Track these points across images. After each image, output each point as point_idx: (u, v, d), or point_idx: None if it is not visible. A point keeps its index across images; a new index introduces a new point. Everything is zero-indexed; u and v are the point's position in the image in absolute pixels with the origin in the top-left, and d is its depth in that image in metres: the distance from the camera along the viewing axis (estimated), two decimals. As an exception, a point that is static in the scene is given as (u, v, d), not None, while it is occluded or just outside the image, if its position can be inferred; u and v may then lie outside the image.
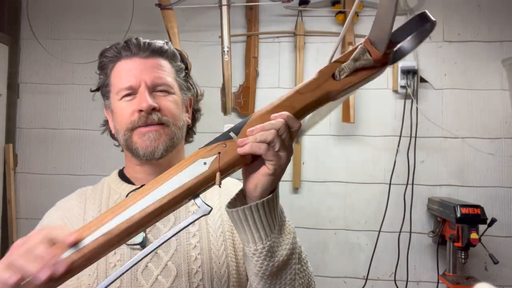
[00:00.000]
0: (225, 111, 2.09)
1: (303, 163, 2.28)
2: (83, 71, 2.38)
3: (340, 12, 2.26)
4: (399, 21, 2.10)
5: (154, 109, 0.79)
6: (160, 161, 0.82)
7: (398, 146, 2.21)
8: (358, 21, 2.29)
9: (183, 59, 0.91)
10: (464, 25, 2.27)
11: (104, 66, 0.86)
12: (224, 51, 2.04)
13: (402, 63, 2.22)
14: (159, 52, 0.85)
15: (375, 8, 2.26)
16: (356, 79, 0.62)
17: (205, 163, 0.60)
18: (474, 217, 1.84)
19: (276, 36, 2.34)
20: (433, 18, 0.59)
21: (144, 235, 0.79)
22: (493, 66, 2.23)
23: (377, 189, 2.25)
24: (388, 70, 2.28)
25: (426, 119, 2.22)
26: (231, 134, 0.62)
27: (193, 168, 0.60)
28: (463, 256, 1.92)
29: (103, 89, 0.88)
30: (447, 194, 2.22)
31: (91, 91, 0.93)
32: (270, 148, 0.60)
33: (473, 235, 1.81)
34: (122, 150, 0.92)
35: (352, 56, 0.62)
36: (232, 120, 2.30)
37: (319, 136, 2.29)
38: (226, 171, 0.61)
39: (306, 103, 0.63)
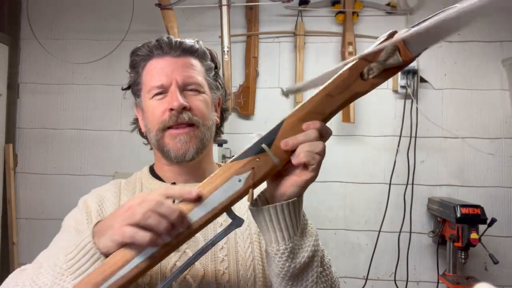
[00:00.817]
0: (225, 111, 2.09)
1: (303, 163, 2.27)
2: (83, 71, 2.38)
3: (340, 12, 2.26)
4: (398, 22, 2.09)
5: (184, 108, 0.80)
6: (190, 162, 0.83)
7: (398, 146, 2.21)
8: (358, 21, 2.29)
9: (213, 58, 0.92)
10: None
11: (136, 64, 0.87)
12: (224, 51, 2.04)
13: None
14: (190, 51, 0.85)
15: (375, 8, 2.28)
16: (382, 80, 0.60)
17: (239, 180, 0.59)
18: (474, 217, 1.84)
19: (276, 36, 2.34)
20: None
21: None
22: (493, 66, 2.23)
23: (377, 189, 2.25)
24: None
25: (426, 119, 2.22)
26: (264, 146, 0.60)
27: (229, 186, 0.59)
28: (463, 256, 1.92)
29: (134, 87, 0.88)
30: (447, 194, 2.22)
31: (123, 89, 0.93)
32: (316, 159, 0.60)
33: (473, 235, 1.81)
34: (151, 148, 0.92)
35: (382, 55, 0.59)
36: (232, 120, 2.30)
37: (319, 136, 2.29)
38: (258, 185, 0.61)
39: (336, 107, 0.61)
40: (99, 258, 0.60)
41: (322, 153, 0.61)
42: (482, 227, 1.86)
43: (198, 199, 0.58)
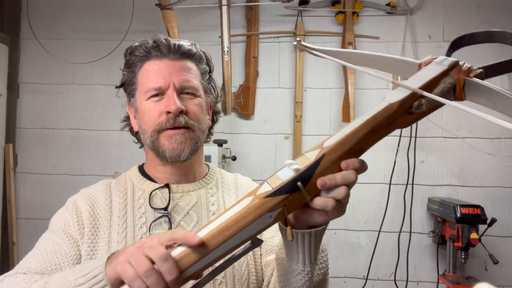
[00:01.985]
0: (225, 111, 2.09)
1: (303, 163, 2.27)
2: (83, 71, 2.38)
3: (340, 12, 2.26)
4: (398, 22, 2.09)
5: (181, 112, 0.81)
6: (184, 163, 0.85)
7: (398, 146, 2.21)
8: (358, 21, 2.29)
9: (208, 61, 0.93)
10: (464, 25, 2.26)
11: (132, 64, 0.87)
12: (224, 51, 2.04)
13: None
14: (188, 55, 0.86)
15: (375, 8, 2.28)
16: (424, 115, 0.54)
17: (270, 217, 0.58)
18: (474, 217, 1.84)
19: (276, 36, 2.34)
20: None
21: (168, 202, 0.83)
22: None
23: (377, 189, 2.25)
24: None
25: (426, 119, 2.22)
26: (300, 186, 0.57)
27: (260, 222, 0.58)
28: (463, 256, 1.92)
29: (128, 86, 0.89)
30: (447, 194, 2.22)
31: (116, 87, 0.93)
32: (340, 205, 0.60)
33: (473, 235, 1.81)
34: (141, 147, 0.93)
35: (437, 91, 0.52)
36: (232, 120, 2.30)
37: (319, 136, 2.29)
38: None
39: (374, 143, 0.57)
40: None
41: (342, 198, 0.59)
42: (482, 227, 1.86)
43: (202, 244, 0.57)
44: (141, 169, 0.93)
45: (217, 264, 0.61)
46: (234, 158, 2.18)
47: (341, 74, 2.27)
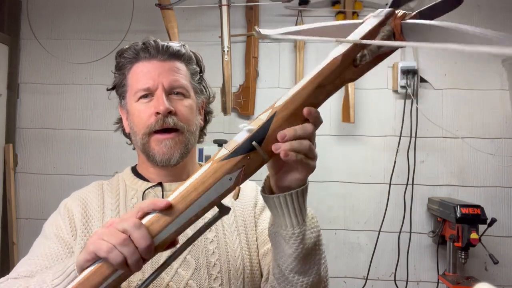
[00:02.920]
0: (225, 111, 2.09)
1: (303, 163, 2.27)
2: (83, 71, 2.38)
3: (340, 12, 2.26)
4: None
5: (170, 113, 0.81)
6: (175, 166, 0.85)
7: (398, 146, 2.21)
8: (358, 21, 2.29)
9: (198, 62, 0.93)
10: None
11: (122, 66, 0.88)
12: (224, 51, 2.04)
13: (402, 63, 2.22)
14: (177, 55, 0.87)
15: (375, 8, 2.27)
16: (372, 66, 0.57)
17: (230, 179, 0.60)
18: (474, 217, 1.84)
19: (276, 36, 2.34)
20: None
21: None
22: (493, 66, 2.23)
23: (377, 189, 2.25)
24: (388, 70, 2.28)
25: (426, 119, 2.22)
26: (255, 145, 0.59)
27: (220, 185, 0.60)
28: (463, 256, 1.92)
29: (119, 89, 0.90)
30: (447, 194, 2.22)
31: (107, 90, 0.95)
32: (304, 158, 0.61)
33: (473, 235, 1.81)
34: (134, 148, 0.94)
35: (378, 40, 0.55)
36: (232, 120, 2.30)
37: (319, 136, 2.29)
38: (244, 181, 0.62)
39: (326, 97, 0.60)
40: None
41: (306, 150, 0.61)
42: (482, 227, 1.86)
43: (170, 207, 0.58)
44: (134, 170, 0.93)
45: (190, 234, 0.62)
46: (234, 158, 2.18)
47: (341, 74, 2.27)
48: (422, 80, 2.25)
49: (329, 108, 2.29)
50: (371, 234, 2.23)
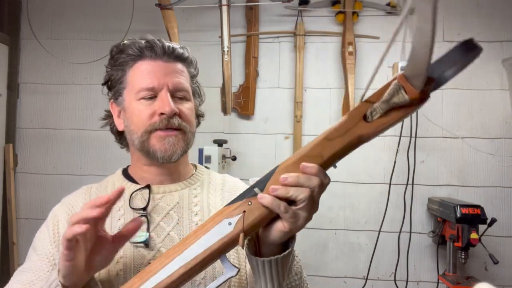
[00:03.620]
0: (225, 111, 2.09)
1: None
2: (83, 71, 2.38)
3: (340, 12, 2.26)
4: (397, 22, 2.07)
5: (175, 114, 0.81)
6: (172, 163, 0.85)
7: (398, 146, 2.21)
8: (358, 21, 2.29)
9: (195, 65, 0.93)
10: (464, 25, 2.27)
11: (122, 62, 0.86)
12: (224, 51, 2.04)
13: (402, 63, 2.22)
14: (181, 58, 0.87)
15: (375, 8, 2.29)
16: (391, 120, 0.56)
17: (230, 223, 0.59)
18: (474, 217, 1.84)
19: (276, 36, 2.34)
20: (480, 46, 0.51)
21: (147, 234, 0.79)
22: (493, 66, 2.23)
23: (377, 189, 2.25)
24: (388, 70, 2.28)
25: (426, 119, 2.22)
26: (256, 190, 0.59)
27: (219, 229, 0.59)
28: (463, 256, 1.92)
29: (116, 85, 0.87)
30: (447, 194, 2.22)
31: (102, 84, 0.92)
32: (290, 208, 0.59)
33: (473, 235, 1.81)
34: (123, 147, 0.94)
35: (385, 96, 0.56)
36: (232, 120, 2.30)
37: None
38: (252, 230, 0.60)
39: (335, 151, 0.58)
40: None
41: (303, 199, 0.59)
42: (482, 227, 1.86)
43: (104, 205, 0.61)
44: (125, 171, 0.92)
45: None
46: (234, 158, 2.18)
47: (341, 74, 2.27)
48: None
49: (329, 108, 2.30)
50: (371, 234, 2.23)
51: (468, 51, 0.52)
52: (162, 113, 0.80)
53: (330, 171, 0.58)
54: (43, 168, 2.39)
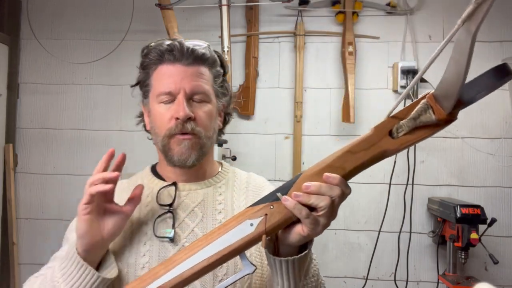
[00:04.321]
0: (225, 111, 2.08)
1: (303, 163, 2.28)
2: (83, 71, 2.38)
3: (340, 12, 2.26)
4: (398, 22, 2.10)
5: (189, 118, 0.83)
6: (193, 167, 0.88)
7: (398, 146, 2.21)
8: (358, 21, 2.29)
9: (222, 63, 0.93)
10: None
11: (147, 66, 0.89)
12: (224, 51, 2.04)
13: (402, 63, 2.22)
14: (201, 60, 0.87)
15: (375, 8, 2.29)
16: (416, 138, 0.58)
17: (251, 224, 0.62)
18: (474, 217, 1.84)
19: (276, 36, 2.34)
20: None
21: (173, 230, 0.83)
22: (493, 66, 2.22)
23: (377, 189, 2.25)
24: (388, 70, 2.28)
25: (426, 119, 2.22)
26: (278, 194, 0.62)
27: (240, 229, 0.62)
28: (463, 256, 1.92)
29: (143, 87, 0.91)
30: (447, 194, 2.22)
31: (131, 86, 0.96)
32: (311, 214, 0.62)
33: (473, 235, 1.81)
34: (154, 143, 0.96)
35: (412, 113, 0.57)
36: (232, 120, 2.29)
37: (319, 136, 2.30)
38: (272, 232, 0.63)
39: (358, 164, 0.61)
40: (80, 262, 0.71)
41: (324, 207, 0.62)
42: (482, 227, 1.86)
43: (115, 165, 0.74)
44: (154, 168, 0.96)
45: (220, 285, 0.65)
46: (234, 158, 2.18)
47: (341, 74, 2.27)
48: (422, 80, 2.25)
49: (329, 108, 2.30)
50: (371, 234, 2.23)
51: (501, 76, 0.52)
52: (177, 118, 0.83)
53: None
54: (43, 168, 2.39)
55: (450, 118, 0.55)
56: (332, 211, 0.63)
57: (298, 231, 0.64)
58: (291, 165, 2.28)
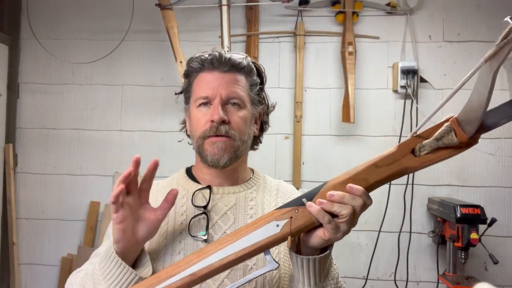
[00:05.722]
0: (225, 111, 2.09)
1: (303, 163, 2.28)
2: (83, 71, 2.38)
3: (340, 12, 2.26)
4: (398, 22, 2.10)
5: (224, 122, 0.88)
6: (225, 168, 0.92)
7: (398, 146, 2.21)
8: (358, 21, 2.29)
9: (260, 73, 0.99)
10: (464, 25, 2.27)
11: (189, 74, 0.95)
12: (224, 51, 2.04)
13: (402, 63, 2.22)
14: (238, 68, 0.93)
15: (375, 8, 2.29)
16: (437, 158, 0.62)
17: (277, 225, 0.68)
18: (474, 217, 1.84)
19: (276, 36, 2.34)
20: None
21: (207, 231, 0.88)
22: None
23: (377, 189, 2.24)
24: (388, 70, 2.28)
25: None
26: (304, 200, 0.67)
27: (267, 228, 0.68)
28: (463, 256, 1.92)
29: (185, 94, 0.97)
30: (447, 194, 2.22)
31: (176, 94, 1.03)
32: (333, 220, 0.67)
33: (473, 235, 1.81)
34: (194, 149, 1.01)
35: (435, 134, 0.60)
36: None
37: (319, 136, 2.30)
38: (296, 234, 0.69)
39: (380, 178, 0.65)
40: (118, 261, 0.75)
41: (345, 215, 0.66)
42: (482, 227, 1.86)
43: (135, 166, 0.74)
44: (189, 171, 1.01)
45: (240, 280, 0.71)
46: (234, 158, 2.18)
47: (341, 74, 2.27)
48: (422, 80, 2.25)
49: (329, 108, 2.30)
50: (371, 234, 2.23)
51: None
52: (212, 121, 0.88)
53: (331, 170, 0.60)
54: (43, 168, 2.39)
55: (471, 141, 0.58)
56: (353, 220, 0.68)
57: (320, 235, 0.69)
58: (291, 165, 2.28)
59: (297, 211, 0.67)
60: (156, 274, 0.72)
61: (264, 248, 0.68)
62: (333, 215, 0.67)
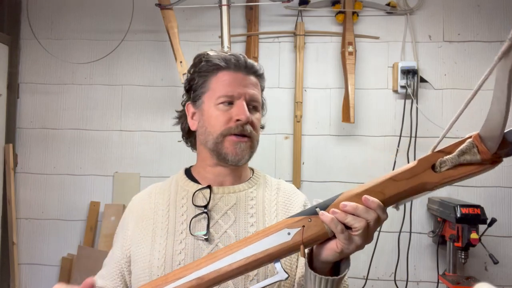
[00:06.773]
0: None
1: (303, 163, 2.28)
2: (83, 71, 2.38)
3: (340, 12, 2.26)
4: (398, 22, 2.10)
5: (248, 122, 0.90)
6: (236, 167, 0.94)
7: (398, 146, 2.21)
8: (358, 21, 2.29)
9: (265, 80, 1.02)
10: (464, 25, 2.27)
11: (206, 70, 0.94)
12: (224, 51, 2.04)
13: (402, 63, 2.22)
14: (256, 72, 0.96)
15: (375, 8, 2.29)
16: (458, 174, 0.59)
17: (289, 233, 0.66)
18: (474, 217, 1.84)
19: (276, 36, 2.34)
20: None
21: (208, 230, 0.89)
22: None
23: (377, 189, 2.25)
24: (388, 70, 2.28)
25: (426, 119, 2.22)
26: (317, 209, 0.65)
27: (278, 236, 0.66)
28: (463, 256, 1.92)
29: (197, 89, 0.95)
30: (447, 194, 2.22)
31: (185, 90, 0.99)
32: (346, 231, 0.64)
33: (473, 235, 1.81)
34: (188, 146, 1.03)
35: (458, 150, 0.59)
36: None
37: (319, 136, 2.30)
38: (308, 244, 0.66)
39: (398, 191, 0.62)
40: None
41: (359, 227, 0.64)
42: (482, 227, 1.86)
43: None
44: (188, 172, 1.01)
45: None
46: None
47: (341, 74, 2.27)
48: (422, 80, 2.25)
49: (329, 108, 2.30)
50: (371, 234, 2.23)
51: None
52: (238, 120, 0.89)
53: (331, 170, 0.59)
54: (43, 168, 2.39)
55: (495, 158, 0.56)
56: (367, 234, 0.65)
57: (332, 247, 0.67)
58: (291, 165, 2.28)
59: (310, 220, 0.66)
60: (163, 275, 0.71)
61: (274, 256, 0.66)
62: (347, 227, 0.65)
